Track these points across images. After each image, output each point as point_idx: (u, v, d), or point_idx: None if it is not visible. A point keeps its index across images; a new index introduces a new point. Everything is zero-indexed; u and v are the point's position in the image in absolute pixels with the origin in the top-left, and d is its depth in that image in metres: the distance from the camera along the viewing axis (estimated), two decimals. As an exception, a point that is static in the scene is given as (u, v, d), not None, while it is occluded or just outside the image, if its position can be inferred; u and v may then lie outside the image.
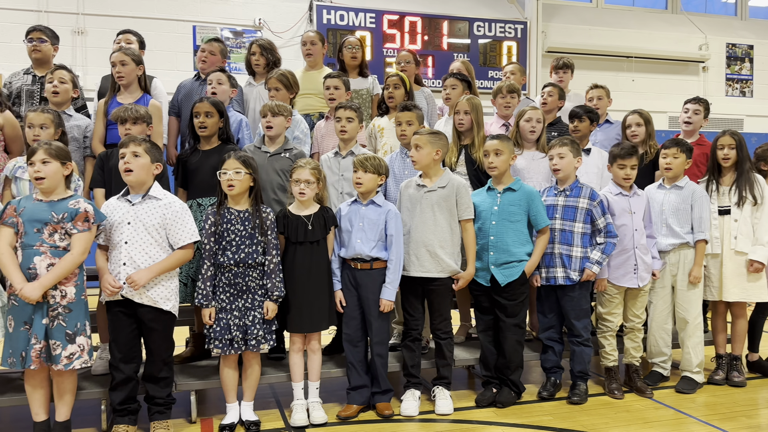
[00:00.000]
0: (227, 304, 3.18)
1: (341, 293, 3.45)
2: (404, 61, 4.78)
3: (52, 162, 2.90)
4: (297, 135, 4.02)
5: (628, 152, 3.78)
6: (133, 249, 3.02)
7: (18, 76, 4.18)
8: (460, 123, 3.93)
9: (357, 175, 3.40)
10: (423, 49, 8.73)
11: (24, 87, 4.10)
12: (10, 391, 3.22)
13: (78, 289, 2.93)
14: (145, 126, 3.45)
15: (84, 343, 2.92)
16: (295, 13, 8.33)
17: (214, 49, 4.41)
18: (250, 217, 3.22)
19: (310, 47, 4.62)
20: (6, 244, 2.86)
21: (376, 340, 3.46)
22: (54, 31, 4.30)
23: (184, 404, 3.46)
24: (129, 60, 3.78)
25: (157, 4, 7.81)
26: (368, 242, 3.39)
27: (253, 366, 3.31)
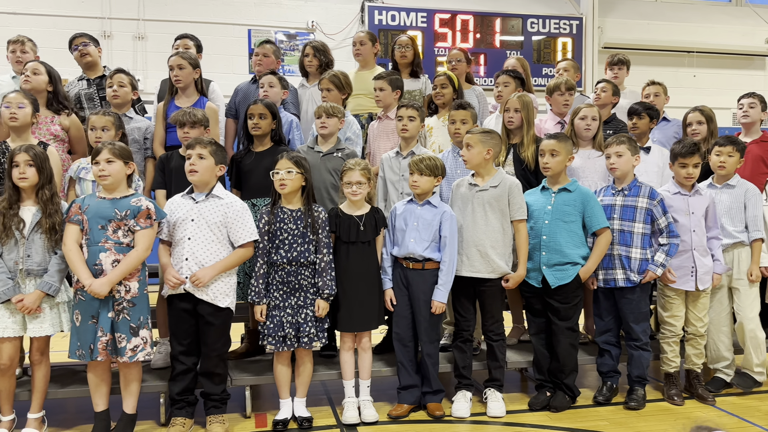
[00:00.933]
0: (280, 301, 3.24)
1: (392, 292, 3.45)
2: (455, 60, 4.75)
3: (116, 161, 3.02)
4: (349, 136, 4.05)
5: (690, 150, 3.65)
6: (196, 245, 3.12)
7: (73, 84, 4.36)
8: (510, 121, 3.88)
9: (413, 178, 3.40)
10: (475, 47, 8.66)
11: (82, 92, 4.28)
12: (75, 383, 3.37)
13: (141, 284, 3.05)
14: (202, 129, 3.55)
15: (147, 336, 3.04)
16: (347, 14, 8.40)
17: (267, 51, 4.49)
18: (302, 216, 3.27)
19: (359, 47, 4.65)
20: (73, 241, 3.00)
21: (427, 340, 3.45)
22: (92, 36, 4.47)
23: (239, 399, 3.54)
24: (186, 64, 3.90)
25: (214, 9, 8.01)
26: (421, 242, 3.38)
27: (306, 363, 3.35)
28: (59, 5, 7.55)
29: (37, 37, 4.58)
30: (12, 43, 4.33)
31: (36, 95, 3.60)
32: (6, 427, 3.09)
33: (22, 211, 3.03)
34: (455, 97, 4.18)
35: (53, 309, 3.07)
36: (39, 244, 3.02)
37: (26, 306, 2.95)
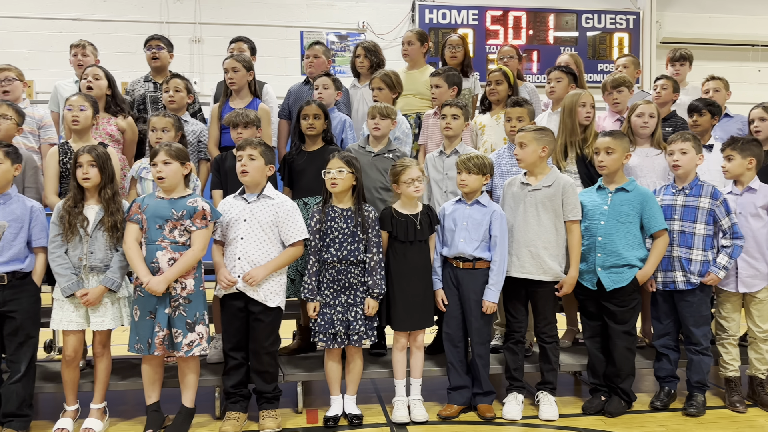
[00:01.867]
0: (331, 299, 3.27)
1: (443, 292, 3.44)
2: (506, 56, 4.70)
3: (172, 162, 3.11)
4: (398, 135, 4.06)
5: (727, 143, 3.50)
6: (248, 244, 3.18)
7: (139, 84, 4.51)
8: (587, 116, 3.78)
9: (461, 176, 3.37)
10: (528, 44, 8.53)
11: (148, 94, 4.43)
12: (134, 376, 3.48)
13: (197, 282, 3.14)
14: (254, 129, 3.62)
15: (203, 332, 3.13)
16: (398, 14, 8.40)
17: (317, 52, 4.54)
18: (352, 216, 3.29)
19: (406, 47, 4.66)
20: (133, 240, 3.11)
21: (477, 341, 3.42)
22: (169, 40, 4.60)
23: (291, 394, 3.59)
24: (240, 66, 3.99)
25: (267, 12, 8.15)
26: (471, 242, 3.35)
27: (356, 360, 3.38)
28: (120, 11, 7.83)
29: (98, 42, 4.75)
30: (74, 47, 4.52)
31: (96, 99, 3.75)
32: (71, 416, 3.23)
33: (86, 209, 3.16)
34: (510, 93, 4.12)
35: (114, 304, 3.19)
36: (101, 242, 3.14)
37: (89, 300, 3.07)
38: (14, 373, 3.12)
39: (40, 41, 7.48)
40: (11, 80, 3.91)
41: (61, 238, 3.11)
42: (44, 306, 3.28)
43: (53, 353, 4.46)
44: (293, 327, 4.36)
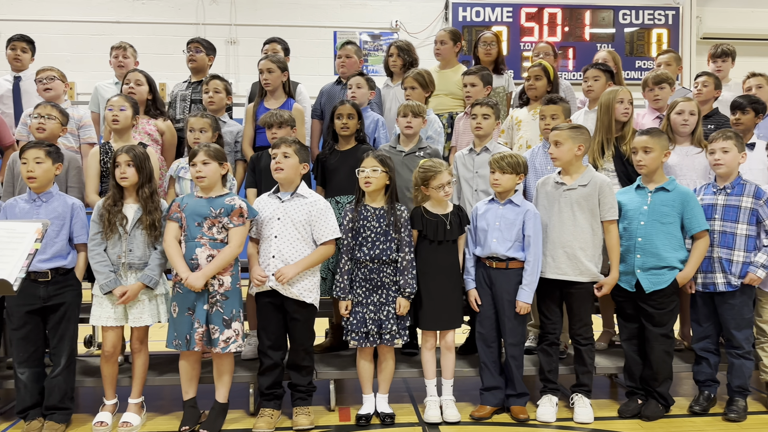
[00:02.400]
0: (363, 298, 3.28)
1: (476, 292, 3.41)
2: (543, 53, 4.65)
3: (211, 162, 3.17)
4: (430, 134, 4.05)
5: None
6: (282, 243, 3.21)
7: (179, 86, 4.60)
8: (625, 113, 3.72)
9: (494, 176, 3.34)
10: (563, 41, 8.41)
11: (180, 93, 4.51)
12: (171, 371, 3.55)
13: (233, 279, 3.19)
14: (289, 129, 3.65)
15: (238, 329, 3.18)
16: (431, 12, 8.37)
17: (349, 52, 4.55)
18: (385, 215, 3.29)
19: (439, 46, 4.64)
20: (172, 237, 3.17)
21: (511, 342, 3.39)
22: (211, 43, 4.68)
23: (324, 392, 3.61)
24: (275, 67, 4.03)
25: (301, 12, 8.21)
26: (504, 242, 3.32)
27: (388, 360, 3.38)
28: (158, 13, 7.99)
29: (137, 44, 4.86)
30: (115, 49, 4.63)
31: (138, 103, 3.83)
32: (109, 410, 3.31)
33: (125, 208, 3.23)
34: (549, 89, 4.07)
35: (152, 301, 3.26)
36: (140, 240, 3.21)
37: (128, 297, 3.14)
38: (56, 367, 3.21)
39: (81, 43, 7.68)
40: (53, 79, 4.02)
41: (101, 236, 3.20)
42: (85, 302, 3.37)
43: (93, 348, 4.58)
44: (326, 325, 4.39)
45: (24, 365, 3.17)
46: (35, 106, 3.65)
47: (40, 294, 3.14)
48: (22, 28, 5.39)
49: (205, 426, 3.20)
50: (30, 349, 3.18)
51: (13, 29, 5.17)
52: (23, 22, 7.18)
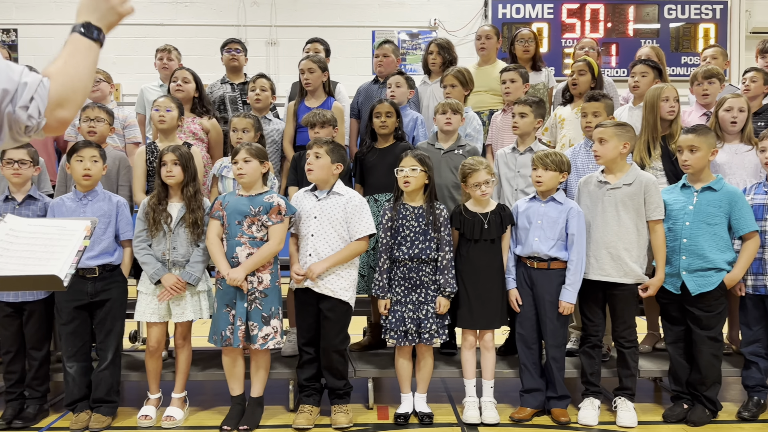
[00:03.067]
0: (402, 297, 3.28)
1: (516, 292, 3.38)
2: (588, 47, 4.57)
3: (252, 161, 3.21)
4: (469, 132, 4.02)
5: None
6: (319, 241, 3.23)
7: (216, 86, 4.67)
8: (671, 111, 3.63)
9: (537, 173, 3.30)
10: (606, 37, 8.24)
11: (227, 95, 4.58)
12: (213, 367, 3.62)
13: (273, 277, 3.23)
14: (330, 128, 3.68)
15: (277, 326, 3.21)
16: (470, 10, 8.31)
17: (387, 51, 4.55)
18: (424, 214, 3.28)
19: (484, 41, 4.60)
20: (214, 235, 3.23)
21: (552, 343, 3.34)
22: (244, 44, 4.75)
23: (362, 390, 3.62)
24: (316, 67, 4.06)
25: (340, 13, 8.25)
26: (547, 241, 3.27)
27: (426, 359, 3.37)
28: (200, 15, 8.14)
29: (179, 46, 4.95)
30: (160, 51, 4.74)
31: (184, 101, 3.91)
32: (154, 404, 3.38)
33: (170, 206, 3.31)
34: (593, 86, 4.00)
35: (194, 297, 3.32)
36: (183, 237, 3.28)
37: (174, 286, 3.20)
38: (102, 361, 3.30)
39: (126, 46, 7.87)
40: (99, 81, 4.13)
41: (146, 234, 3.28)
42: (130, 299, 3.46)
43: (138, 344, 4.70)
44: (364, 324, 4.40)
45: (72, 359, 3.27)
46: (83, 108, 3.76)
47: (88, 290, 3.24)
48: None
49: (243, 421, 3.25)
50: (78, 344, 3.28)
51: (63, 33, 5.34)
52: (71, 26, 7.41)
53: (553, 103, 4.47)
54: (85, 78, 1.28)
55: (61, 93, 1.21)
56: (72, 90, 1.24)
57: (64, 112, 1.22)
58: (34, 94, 1.18)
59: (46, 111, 1.19)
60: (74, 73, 1.26)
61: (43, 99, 1.19)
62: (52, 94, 1.20)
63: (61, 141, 4.20)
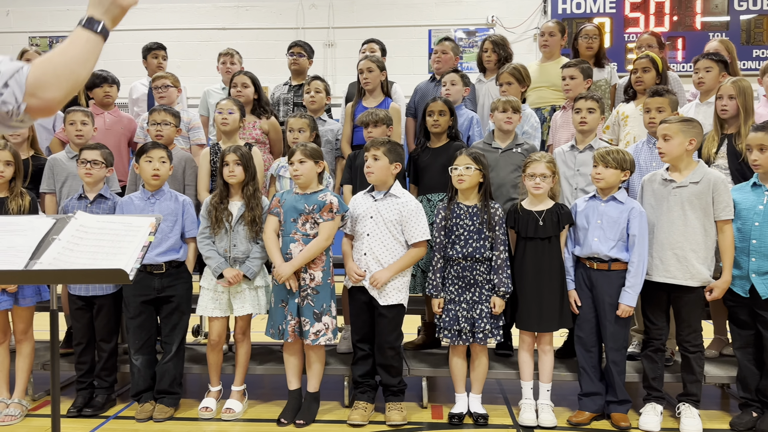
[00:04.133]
0: (456, 296, 3.26)
1: (575, 293, 3.30)
2: (645, 45, 4.42)
3: (307, 161, 3.27)
4: (526, 130, 3.96)
5: None
6: (374, 241, 3.26)
7: (279, 87, 4.78)
8: (723, 109, 3.48)
9: (597, 170, 3.22)
10: (671, 31, 7.94)
11: (281, 96, 4.68)
12: (271, 361, 3.71)
13: (324, 274, 3.28)
14: (385, 128, 3.70)
15: (329, 323, 3.26)
16: (529, 6, 8.17)
17: (445, 48, 4.53)
18: (478, 213, 3.26)
19: (548, 38, 4.53)
20: (272, 231, 3.31)
21: (612, 347, 3.25)
22: (311, 46, 4.83)
23: (416, 389, 3.62)
24: (374, 67, 4.10)
25: (397, 13, 8.27)
26: (607, 241, 3.19)
27: (481, 359, 3.34)
28: (261, 19, 8.32)
29: (241, 49, 5.09)
30: (222, 55, 4.89)
31: (244, 104, 4.02)
32: (214, 396, 3.49)
33: (230, 204, 3.41)
34: (658, 81, 3.87)
35: (252, 292, 3.41)
36: (243, 235, 3.37)
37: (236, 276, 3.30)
38: (167, 354, 3.43)
39: (190, 50, 8.14)
40: (167, 87, 4.29)
41: (209, 231, 3.39)
42: (194, 294, 3.58)
43: (200, 338, 4.85)
44: (418, 322, 4.40)
45: (139, 351, 3.42)
46: (149, 112, 3.91)
47: (155, 285, 3.37)
48: (138, 36, 5.80)
49: (300, 415, 3.31)
50: (144, 337, 3.42)
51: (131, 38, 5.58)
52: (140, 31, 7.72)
53: (616, 100, 4.34)
54: (73, 64, 1.34)
55: (39, 77, 1.27)
56: (54, 75, 1.30)
57: (46, 94, 1.28)
58: (9, 80, 1.25)
59: (25, 95, 1.25)
60: (60, 60, 1.33)
61: (20, 85, 1.25)
62: (30, 80, 1.26)
63: (132, 142, 4.39)
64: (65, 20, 8.38)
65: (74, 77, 1.34)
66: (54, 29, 8.45)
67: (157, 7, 8.21)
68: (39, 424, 3.34)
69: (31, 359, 3.49)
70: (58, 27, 8.42)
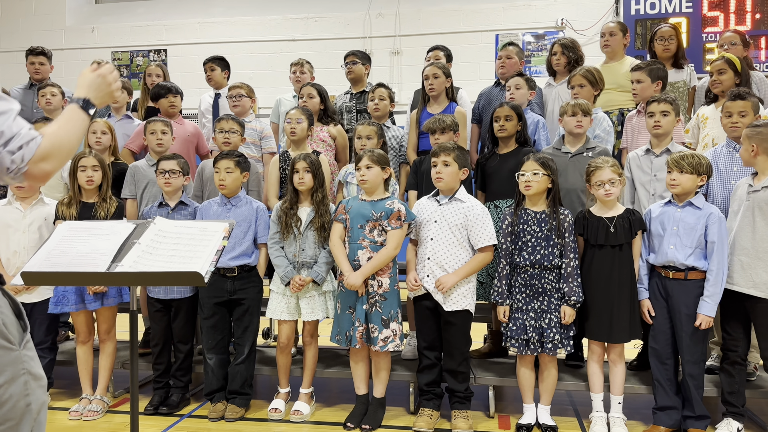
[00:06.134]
0: (523, 304, 3.21)
1: (649, 303, 3.18)
2: (728, 43, 4.22)
3: (374, 167, 3.31)
4: (598, 134, 3.86)
5: None
6: (438, 246, 3.25)
7: (341, 97, 4.86)
8: None
9: (672, 175, 3.09)
10: (754, 29, 7.54)
11: (344, 105, 4.76)
12: (337, 365, 3.76)
13: (392, 281, 3.30)
14: (451, 134, 3.69)
15: (396, 329, 3.27)
16: (600, 7, 7.97)
17: (510, 53, 4.48)
18: (546, 219, 3.19)
19: (608, 38, 4.41)
20: (338, 238, 3.36)
21: (689, 359, 3.11)
22: (365, 53, 4.88)
23: (482, 398, 3.58)
24: (440, 73, 4.11)
25: (463, 19, 8.25)
26: (683, 249, 3.06)
27: (550, 369, 3.27)
28: (329, 29, 8.49)
29: (310, 59, 5.21)
30: (294, 65, 5.05)
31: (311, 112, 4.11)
32: (283, 398, 3.57)
33: (300, 210, 3.49)
34: (738, 82, 3.70)
35: (321, 297, 3.47)
36: (311, 240, 3.44)
37: (303, 282, 3.37)
38: (239, 355, 3.54)
39: (262, 61, 8.40)
40: (241, 97, 4.45)
41: (279, 236, 3.48)
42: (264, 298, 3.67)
43: (270, 340, 4.97)
44: (484, 330, 4.35)
45: (212, 351, 3.54)
46: (217, 120, 4.06)
47: (228, 288, 3.49)
48: (214, 49, 6.04)
49: (366, 420, 3.34)
50: (217, 337, 3.54)
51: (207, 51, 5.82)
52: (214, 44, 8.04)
53: (696, 102, 4.17)
54: (72, 141, 1.55)
55: (46, 149, 1.45)
56: (58, 149, 1.48)
57: (46, 165, 1.46)
58: (24, 144, 1.41)
59: (31, 161, 1.42)
60: (64, 135, 1.52)
61: (31, 151, 1.42)
62: (39, 150, 1.43)
63: (202, 151, 4.57)
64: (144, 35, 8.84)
65: (69, 153, 1.54)
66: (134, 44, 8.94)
67: (231, 21, 8.53)
68: (119, 420, 3.51)
69: (113, 358, 3.68)
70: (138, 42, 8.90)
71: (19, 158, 1.41)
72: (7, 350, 1.41)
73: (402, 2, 8.37)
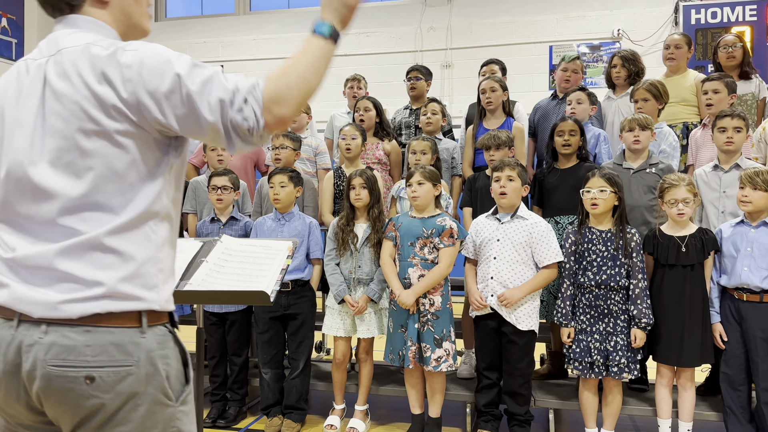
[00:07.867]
0: (587, 326, 3.11)
1: (721, 327, 3.04)
2: None
3: (426, 183, 3.28)
4: (664, 149, 3.72)
5: None
6: (501, 265, 3.19)
7: (400, 112, 4.86)
8: None
9: (744, 192, 2.96)
10: (824, 37, 7.21)
11: (402, 120, 4.75)
12: (391, 383, 3.72)
13: (444, 299, 3.25)
14: (506, 150, 3.63)
15: (449, 348, 3.22)
16: (658, 18, 7.76)
17: (577, 67, 4.38)
18: (612, 238, 3.09)
19: (674, 51, 4.26)
20: (387, 255, 3.33)
21: (764, 386, 2.94)
22: (428, 69, 4.86)
23: (542, 421, 3.48)
24: (497, 86, 4.05)
25: (516, 30, 8.17)
26: (758, 271, 2.91)
27: (614, 393, 3.15)
28: (380, 44, 8.53)
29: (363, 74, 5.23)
30: (350, 81, 5.07)
31: (367, 128, 4.13)
32: (338, 414, 3.55)
33: (356, 227, 3.48)
34: None
35: (377, 314, 3.45)
36: (368, 257, 3.43)
37: (361, 308, 3.37)
38: (294, 370, 3.54)
39: (315, 77, 8.50)
40: (298, 113, 4.50)
41: (335, 253, 3.48)
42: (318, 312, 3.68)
43: (322, 354, 4.98)
44: (541, 350, 4.24)
45: (267, 366, 3.56)
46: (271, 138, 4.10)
47: (282, 302, 3.50)
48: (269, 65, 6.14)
49: (421, 440, 3.28)
50: (272, 352, 3.56)
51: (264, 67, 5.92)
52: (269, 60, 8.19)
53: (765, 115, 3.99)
54: (305, 74, 1.26)
55: (274, 92, 1.22)
56: (287, 88, 1.23)
57: (280, 109, 1.22)
58: (247, 96, 1.21)
59: (263, 110, 1.21)
60: (292, 72, 1.25)
61: (258, 100, 1.21)
62: (266, 94, 1.21)
63: (261, 166, 4.63)
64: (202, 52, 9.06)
65: (306, 88, 1.27)
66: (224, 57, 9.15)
67: (285, 37, 8.66)
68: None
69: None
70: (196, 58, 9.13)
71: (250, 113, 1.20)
72: (162, 406, 1.24)
73: (453, 15, 8.35)
